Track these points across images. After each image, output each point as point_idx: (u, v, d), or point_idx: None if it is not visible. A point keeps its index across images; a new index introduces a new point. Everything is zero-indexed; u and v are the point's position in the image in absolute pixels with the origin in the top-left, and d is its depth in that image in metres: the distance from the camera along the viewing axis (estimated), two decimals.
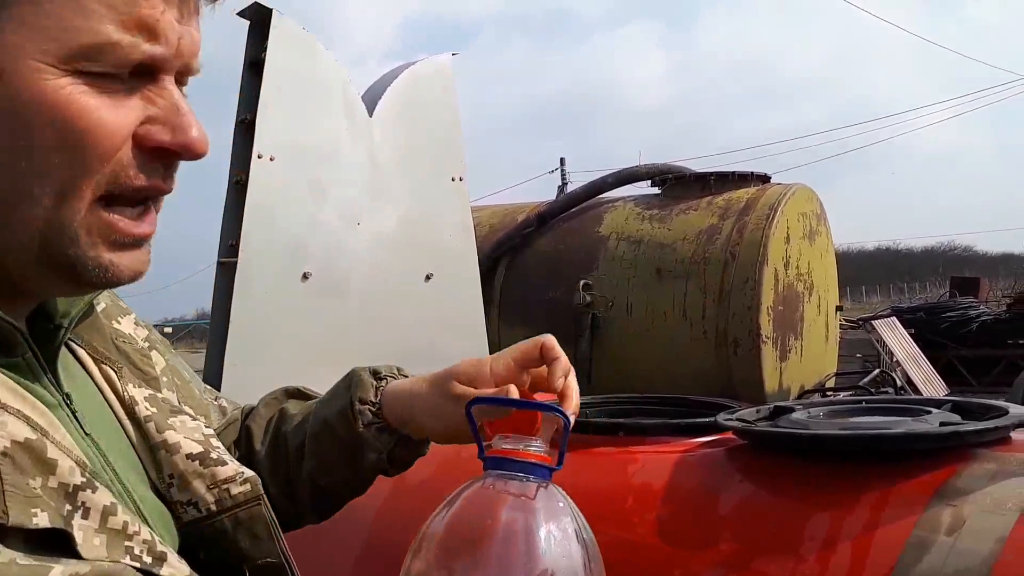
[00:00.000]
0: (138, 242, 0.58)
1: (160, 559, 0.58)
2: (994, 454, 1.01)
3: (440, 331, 2.87)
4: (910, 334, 8.46)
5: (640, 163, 5.51)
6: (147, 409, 0.70)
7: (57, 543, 0.51)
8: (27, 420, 0.54)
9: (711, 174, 5.03)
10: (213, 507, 0.68)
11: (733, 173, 5.04)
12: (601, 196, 5.39)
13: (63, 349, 0.66)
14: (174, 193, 0.61)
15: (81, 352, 0.70)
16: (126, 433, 0.68)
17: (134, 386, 0.71)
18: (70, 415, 0.61)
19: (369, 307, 2.62)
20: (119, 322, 0.78)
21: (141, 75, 0.55)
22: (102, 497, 0.56)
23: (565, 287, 4.87)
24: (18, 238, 0.54)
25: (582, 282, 4.77)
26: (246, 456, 0.90)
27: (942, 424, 1.07)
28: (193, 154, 0.58)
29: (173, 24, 0.56)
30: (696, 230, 4.62)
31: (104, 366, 0.71)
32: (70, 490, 0.54)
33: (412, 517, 0.69)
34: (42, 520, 0.50)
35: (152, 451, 0.68)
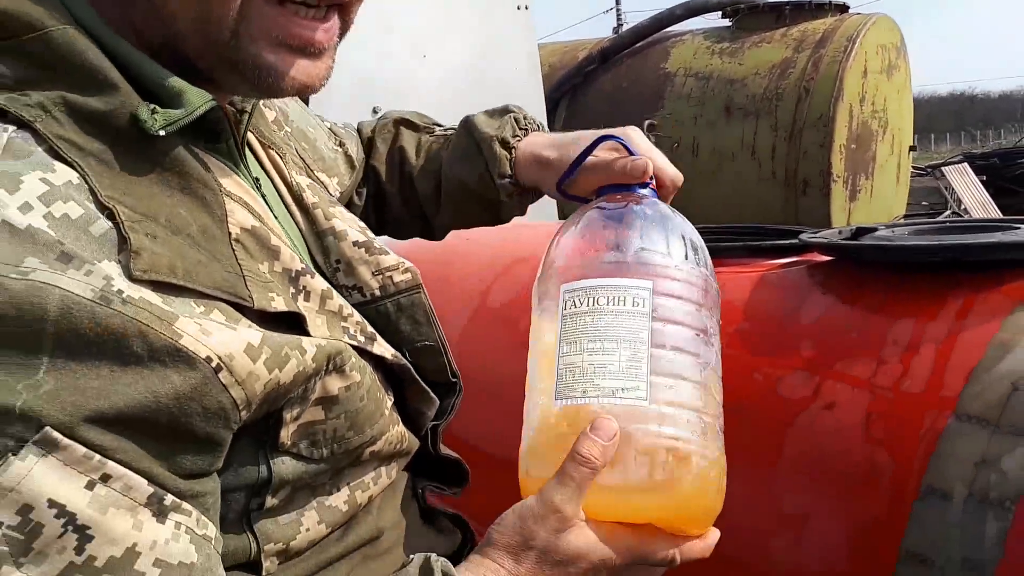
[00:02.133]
0: (311, 50, 0.56)
1: (371, 339, 0.64)
2: None
3: None
4: (982, 181, 8.15)
5: None
6: (313, 196, 0.72)
7: (289, 325, 0.56)
8: (248, 208, 0.57)
9: (786, 3, 4.76)
10: (377, 292, 0.71)
11: (809, 2, 4.77)
12: (668, 30, 5.18)
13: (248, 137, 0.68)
14: None
15: (252, 139, 0.72)
16: (293, 218, 0.71)
17: (296, 173, 0.73)
18: (262, 199, 0.64)
19: None
20: None
21: None
22: (319, 282, 0.60)
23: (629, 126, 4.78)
24: (180, 29, 0.53)
25: (647, 122, 4.67)
26: (375, 195, 0.96)
27: None
28: None
29: None
30: (769, 64, 4.44)
31: (271, 151, 0.73)
32: (292, 275, 0.58)
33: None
34: (279, 304, 0.54)
35: (319, 237, 0.70)
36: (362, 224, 0.75)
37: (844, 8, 4.82)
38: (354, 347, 0.61)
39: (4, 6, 0.49)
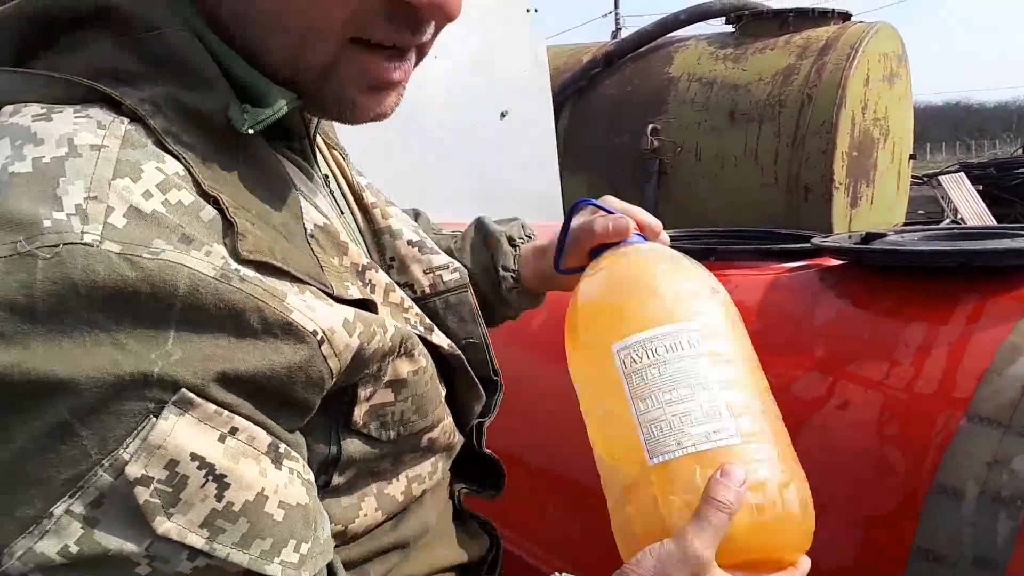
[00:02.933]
0: (388, 86, 0.58)
1: (430, 329, 0.67)
2: None
3: (514, 170, 2.89)
4: (978, 191, 8.20)
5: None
6: (372, 196, 0.76)
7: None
8: (317, 207, 0.60)
9: (790, 11, 4.79)
10: (427, 290, 0.75)
11: (813, 10, 4.80)
12: (671, 35, 5.20)
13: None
14: None
15: (318, 139, 0.74)
16: (354, 216, 0.74)
17: (356, 173, 0.77)
18: (329, 195, 0.67)
19: (446, 144, 2.65)
20: None
21: None
22: (382, 276, 0.64)
23: (632, 132, 4.80)
24: (272, 60, 0.55)
25: (650, 126, 4.70)
26: None
27: None
28: (441, 13, 0.56)
29: None
30: (772, 70, 4.47)
31: (335, 152, 0.77)
32: (359, 269, 0.61)
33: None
34: (354, 292, 0.57)
35: (376, 235, 0.74)
36: (415, 224, 0.78)
37: (847, 16, 4.86)
38: (417, 335, 0.63)
39: (129, 5, 0.52)
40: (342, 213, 0.68)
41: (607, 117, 5.03)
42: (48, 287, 0.42)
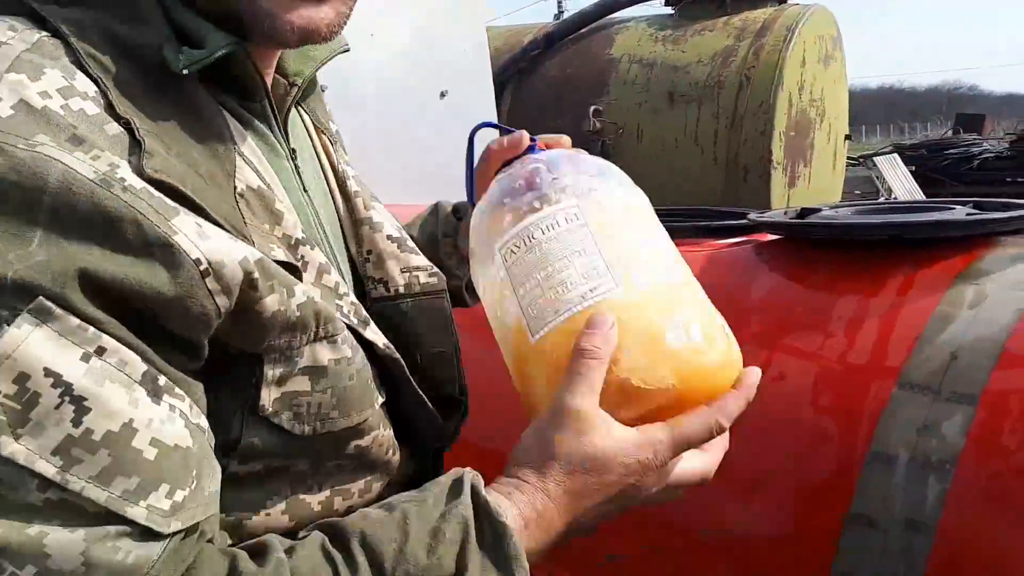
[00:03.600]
0: None
1: (364, 322, 0.62)
2: (1017, 240, 1.05)
3: (456, 151, 2.86)
4: (911, 171, 8.45)
5: None
6: (356, 185, 0.72)
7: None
8: (256, 171, 0.57)
9: None
10: (401, 289, 0.70)
11: None
12: (612, 16, 5.21)
13: (294, 112, 0.68)
14: None
15: (306, 118, 0.72)
16: (334, 202, 0.70)
17: (344, 162, 0.73)
18: (293, 169, 0.64)
19: (385, 124, 2.61)
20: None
21: None
22: (318, 255, 0.59)
23: (573, 113, 4.81)
24: None
25: (592, 107, 4.71)
26: None
27: (968, 215, 1.11)
28: None
29: None
30: (711, 52, 4.51)
31: (323, 136, 0.73)
32: (292, 243, 0.57)
33: None
34: (279, 255, 0.54)
35: (356, 225, 0.70)
36: (398, 223, 0.74)
37: None
38: (346, 326, 0.59)
39: None
40: (305, 190, 0.64)
41: (549, 98, 5.03)
42: None
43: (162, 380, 0.47)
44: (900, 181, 8.17)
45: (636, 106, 4.67)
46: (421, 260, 0.72)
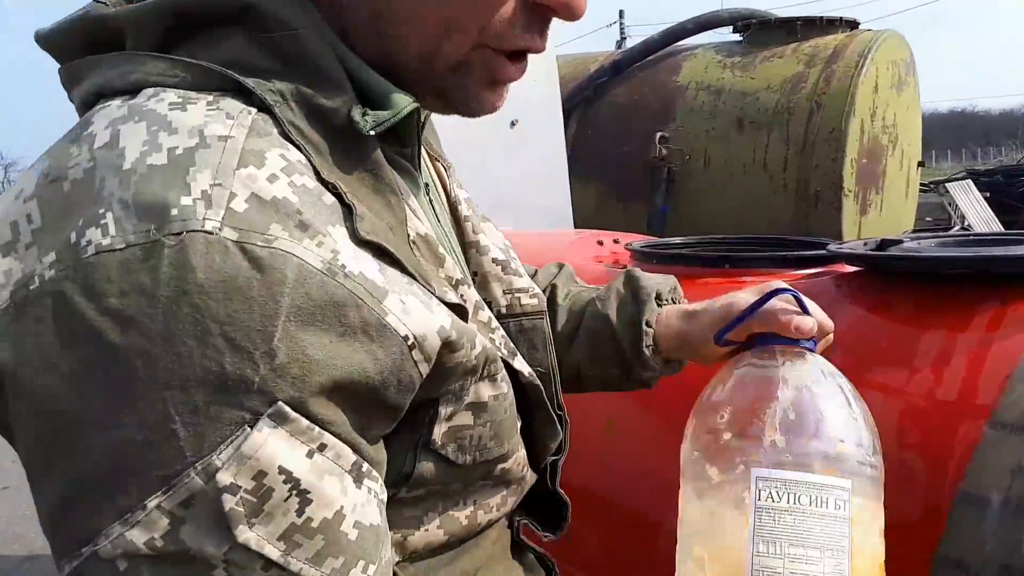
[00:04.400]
0: (508, 82, 0.61)
1: (513, 353, 0.66)
2: None
3: (524, 179, 2.90)
4: (985, 198, 8.18)
5: (721, 8, 5.27)
6: (467, 210, 0.76)
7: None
8: (419, 219, 0.61)
9: (797, 19, 4.79)
10: (503, 310, 0.74)
11: (820, 18, 4.79)
12: (679, 44, 5.21)
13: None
14: None
15: (424, 150, 0.75)
16: (448, 228, 0.74)
17: (457, 187, 0.77)
18: (428, 203, 0.68)
19: (457, 152, 2.65)
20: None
21: None
22: (473, 293, 0.64)
23: (640, 140, 4.80)
24: (403, 58, 0.58)
25: (659, 135, 4.70)
26: None
27: None
28: (572, 14, 0.58)
29: None
30: (780, 78, 4.46)
31: (437, 163, 0.77)
32: (453, 283, 0.61)
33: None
34: (451, 297, 0.58)
35: (465, 248, 0.74)
36: (506, 243, 0.78)
37: (854, 24, 4.85)
38: (500, 358, 0.63)
39: (267, 6, 0.55)
40: (439, 223, 0.69)
41: (615, 125, 5.03)
42: (171, 272, 0.44)
43: (364, 467, 0.51)
44: (974, 208, 7.92)
45: (703, 133, 4.64)
46: (524, 282, 0.76)
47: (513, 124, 2.87)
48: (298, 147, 0.52)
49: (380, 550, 0.52)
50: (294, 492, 0.46)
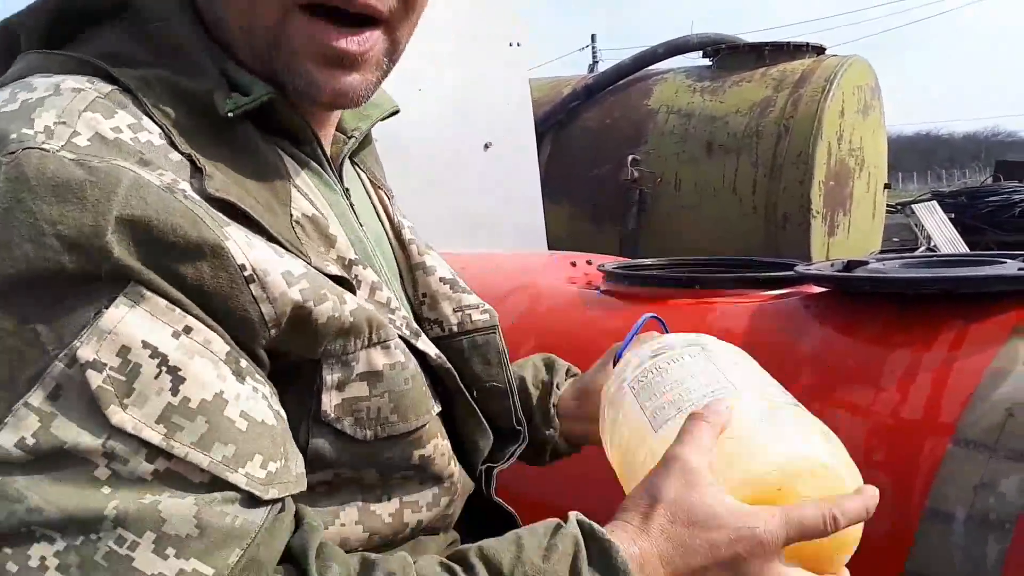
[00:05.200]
0: (346, 61, 0.59)
1: (416, 334, 0.66)
2: None
3: (498, 201, 2.91)
4: (950, 219, 8.34)
5: (691, 33, 5.36)
6: (411, 234, 0.77)
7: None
8: (311, 201, 0.62)
9: (765, 44, 4.89)
10: (455, 328, 0.74)
11: (788, 44, 4.90)
12: (650, 68, 5.28)
13: (351, 167, 0.75)
14: None
15: (362, 175, 0.78)
16: (393, 250, 0.75)
17: (400, 215, 0.79)
18: (348, 205, 0.69)
19: (431, 175, 2.67)
20: None
21: None
22: (370, 275, 0.64)
23: (612, 163, 4.85)
24: (233, 38, 0.60)
25: (630, 157, 4.75)
26: None
27: (1020, 269, 1.11)
28: None
29: None
30: (749, 103, 4.54)
31: (380, 191, 0.79)
32: (345, 263, 0.62)
33: None
34: (333, 269, 0.58)
35: (411, 270, 0.75)
36: (451, 268, 0.79)
37: (821, 50, 4.96)
38: (400, 337, 0.63)
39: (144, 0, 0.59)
40: (361, 225, 0.69)
41: (588, 148, 5.08)
42: (5, 186, 0.46)
43: (243, 363, 0.51)
44: (939, 229, 8.07)
45: (674, 156, 4.70)
46: (472, 299, 0.77)
47: (487, 147, 2.89)
48: (158, 125, 0.54)
49: (282, 453, 0.50)
50: (163, 369, 0.46)
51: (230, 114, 0.56)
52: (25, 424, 0.43)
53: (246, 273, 0.50)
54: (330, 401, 0.58)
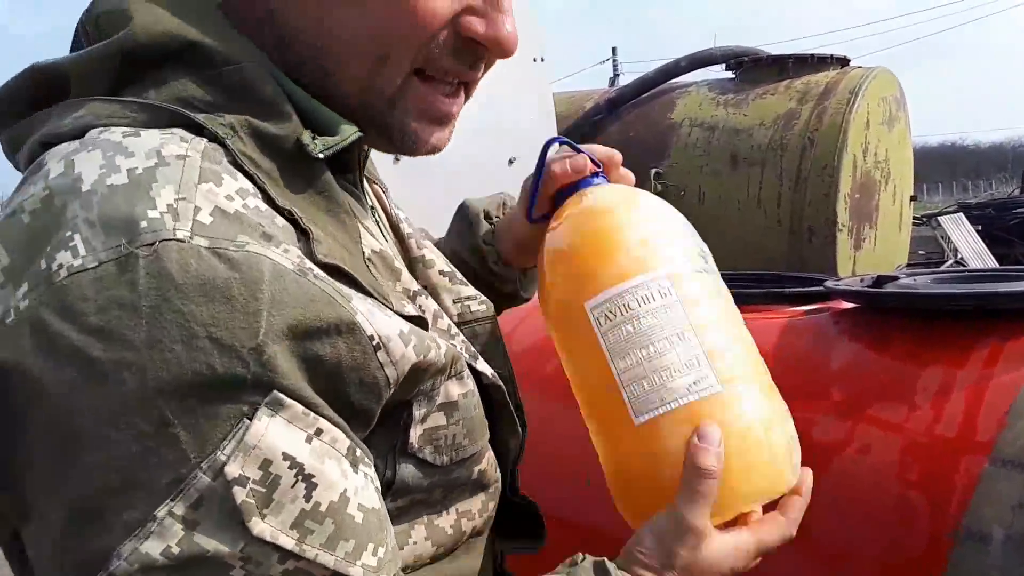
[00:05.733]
0: (444, 119, 0.64)
1: (475, 356, 0.68)
2: None
3: None
4: (977, 231, 8.25)
5: (714, 46, 5.36)
6: (408, 227, 0.78)
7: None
8: (373, 236, 0.63)
9: (789, 57, 4.87)
10: (456, 319, 0.75)
11: (812, 56, 4.88)
12: (673, 81, 5.28)
13: None
14: None
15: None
16: (393, 245, 0.76)
17: (395, 207, 0.80)
18: (376, 223, 0.70)
19: (455, 191, 2.68)
20: None
21: None
22: (431, 303, 0.66)
23: (636, 175, 4.84)
24: (343, 90, 0.61)
25: (653, 171, 4.75)
26: None
27: None
28: (502, 50, 0.62)
29: None
30: (773, 115, 4.53)
31: (375, 185, 0.80)
32: (411, 295, 0.64)
33: None
34: (410, 309, 0.60)
35: (411, 264, 0.76)
36: (445, 257, 0.80)
37: (845, 61, 4.94)
38: (464, 359, 0.65)
39: (211, 43, 0.57)
40: (387, 240, 0.71)
41: None
42: (149, 282, 0.45)
43: (358, 451, 0.53)
44: (967, 241, 7.97)
45: (697, 169, 4.69)
46: (470, 290, 0.78)
47: (511, 162, 2.90)
48: (250, 176, 0.54)
49: (385, 535, 0.53)
50: (299, 477, 0.47)
51: (320, 155, 0.57)
52: (171, 533, 0.45)
53: (375, 343, 0.52)
54: (416, 434, 0.60)
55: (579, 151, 0.79)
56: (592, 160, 0.79)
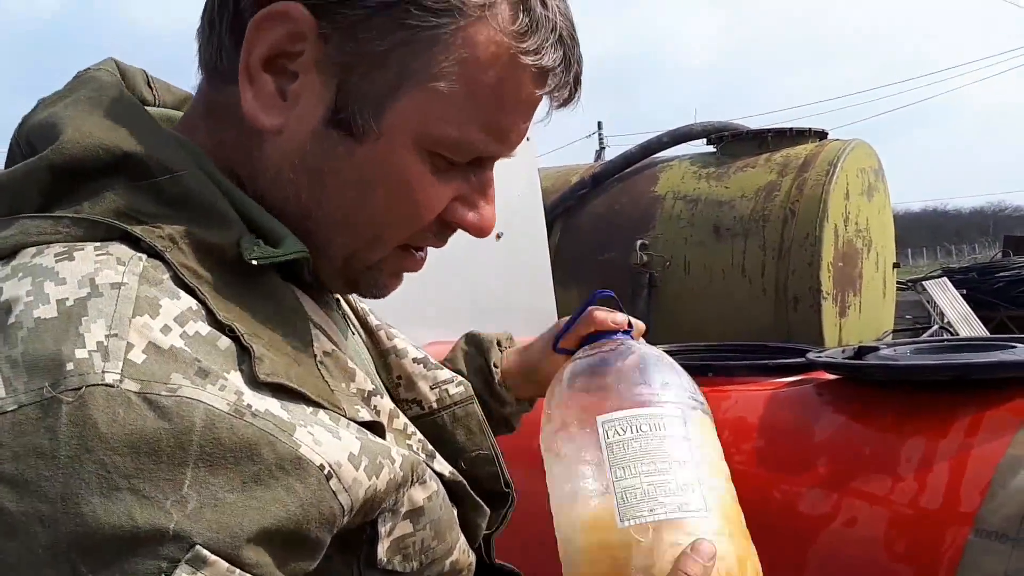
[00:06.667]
0: (411, 272, 0.67)
1: (431, 456, 0.68)
2: None
3: (510, 289, 2.95)
4: (962, 295, 8.34)
5: (695, 121, 5.50)
6: (375, 319, 0.79)
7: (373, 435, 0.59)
8: (326, 334, 0.63)
9: (768, 131, 4.99)
10: (434, 404, 0.77)
11: (791, 129, 5.00)
12: (656, 156, 5.39)
13: None
14: None
15: None
16: (362, 339, 0.77)
17: (357, 299, 0.81)
18: (342, 318, 0.71)
19: (444, 265, 2.71)
20: None
21: (472, 162, 0.63)
22: (387, 403, 0.65)
23: (621, 247, 4.91)
24: (329, 254, 0.62)
25: (639, 242, 4.81)
26: None
27: None
28: (481, 234, 0.66)
29: (521, 131, 0.63)
30: (754, 187, 4.61)
31: None
32: (365, 395, 0.63)
33: None
34: (364, 415, 0.58)
35: (383, 356, 0.77)
36: (416, 344, 0.81)
37: (823, 134, 5.06)
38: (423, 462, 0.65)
39: (147, 152, 0.55)
40: (354, 333, 0.72)
41: (596, 234, 5.15)
42: (71, 430, 0.43)
43: None
44: (952, 305, 8.04)
45: (682, 240, 4.75)
46: (446, 373, 0.79)
47: (499, 237, 2.94)
48: (192, 290, 0.52)
49: None
50: None
51: (254, 262, 0.54)
52: None
53: (325, 472, 0.51)
54: (383, 548, 0.59)
55: (621, 309, 0.86)
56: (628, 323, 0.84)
